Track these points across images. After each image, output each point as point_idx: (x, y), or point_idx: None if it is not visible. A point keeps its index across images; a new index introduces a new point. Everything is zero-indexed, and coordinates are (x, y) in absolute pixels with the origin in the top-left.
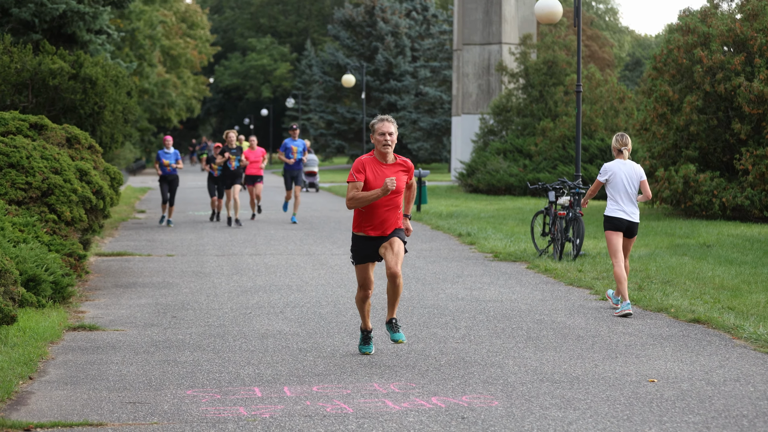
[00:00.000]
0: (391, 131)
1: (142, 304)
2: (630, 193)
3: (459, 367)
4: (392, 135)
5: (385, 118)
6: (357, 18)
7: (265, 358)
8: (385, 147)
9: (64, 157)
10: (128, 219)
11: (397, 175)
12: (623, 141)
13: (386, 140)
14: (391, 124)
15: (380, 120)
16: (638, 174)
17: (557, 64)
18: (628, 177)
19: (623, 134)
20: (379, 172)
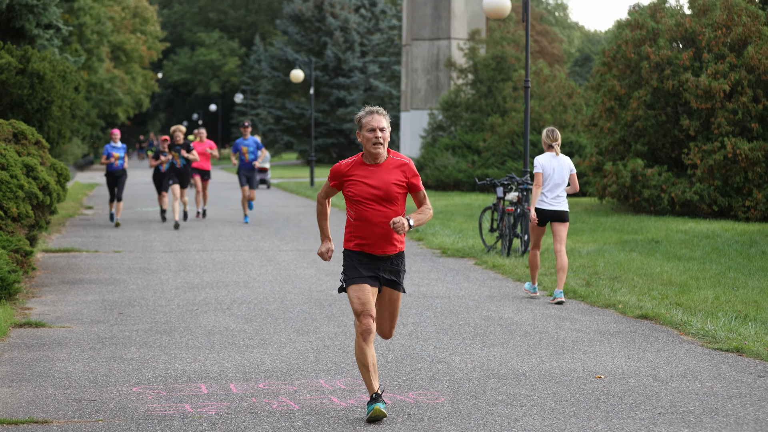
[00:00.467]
0: (382, 126)
1: (89, 300)
2: (558, 185)
3: (406, 364)
4: (384, 131)
5: (375, 110)
6: (306, 13)
7: (211, 355)
8: (376, 146)
9: (11, 153)
10: (76, 215)
11: (389, 177)
12: (554, 136)
13: (377, 137)
14: (383, 117)
15: (368, 113)
16: (568, 167)
17: (506, 59)
18: (558, 170)
19: (554, 130)
20: (370, 176)
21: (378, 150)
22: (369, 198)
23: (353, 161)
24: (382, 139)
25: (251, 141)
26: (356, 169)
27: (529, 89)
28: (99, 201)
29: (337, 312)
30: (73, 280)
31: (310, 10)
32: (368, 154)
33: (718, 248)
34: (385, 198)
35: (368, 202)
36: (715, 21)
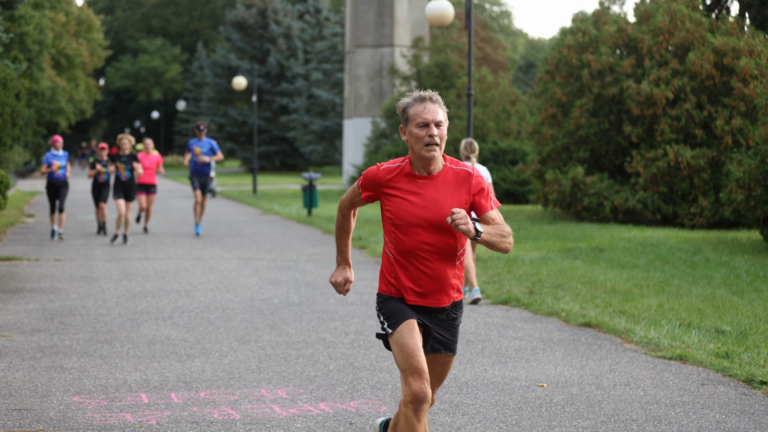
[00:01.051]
0: (438, 119)
1: (30, 309)
2: None
3: (347, 372)
4: (441, 126)
5: (427, 97)
6: (249, 20)
7: (152, 364)
8: (430, 149)
9: None
10: (17, 223)
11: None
12: (471, 148)
13: (431, 135)
14: (439, 107)
15: (418, 100)
16: (486, 176)
17: (449, 66)
18: None
19: (471, 141)
20: (419, 191)
21: (432, 154)
22: (416, 224)
23: (396, 168)
24: (438, 137)
25: (206, 143)
26: (400, 180)
27: (473, 96)
28: (40, 209)
29: (279, 321)
30: (13, 289)
31: (253, 17)
32: (418, 159)
33: (662, 256)
34: (438, 225)
35: (415, 229)
36: (656, 27)
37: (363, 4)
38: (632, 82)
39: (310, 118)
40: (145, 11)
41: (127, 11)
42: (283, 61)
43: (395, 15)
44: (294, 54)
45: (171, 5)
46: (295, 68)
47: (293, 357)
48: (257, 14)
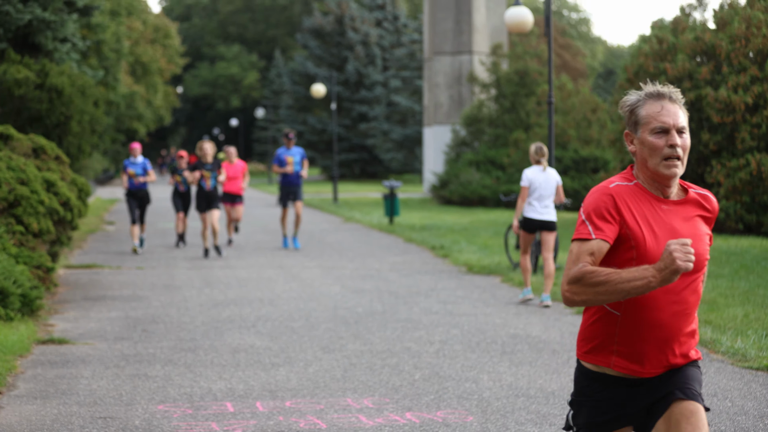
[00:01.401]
0: (681, 124)
1: (112, 317)
2: (545, 197)
3: (433, 382)
4: (684, 134)
5: (666, 94)
6: (326, 27)
7: (237, 373)
8: (671, 165)
9: (31, 168)
10: (97, 231)
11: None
12: (541, 152)
13: (673, 146)
14: (679, 108)
15: (653, 96)
16: (555, 180)
17: (529, 74)
18: (545, 183)
19: (541, 146)
20: (656, 219)
21: (674, 170)
22: None
23: (625, 188)
24: (682, 148)
25: (296, 151)
26: (634, 202)
27: (553, 104)
28: (120, 216)
29: (363, 330)
30: (95, 297)
31: (330, 24)
32: (652, 178)
33: (747, 265)
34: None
35: None
36: (733, 33)
37: (441, 11)
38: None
39: (389, 125)
40: (222, 18)
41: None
42: (362, 69)
43: (473, 22)
44: (372, 61)
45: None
46: (374, 76)
47: (378, 366)
48: (334, 21)
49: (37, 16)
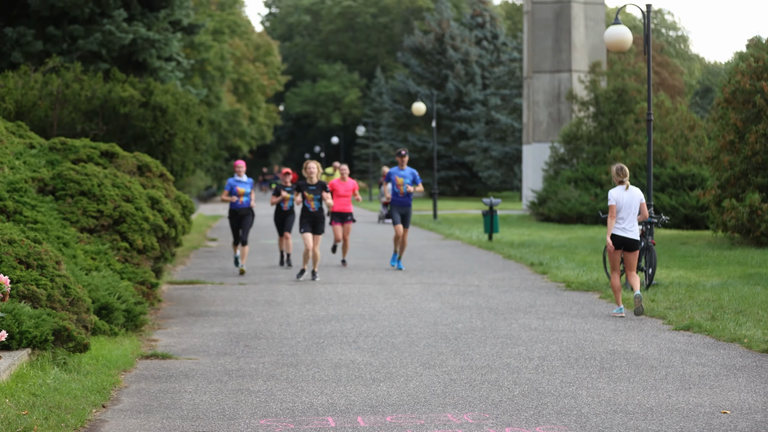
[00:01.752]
0: None
1: (215, 332)
2: (629, 215)
3: (532, 398)
4: None
5: None
6: (427, 46)
7: (338, 388)
8: None
9: (136, 185)
10: (200, 247)
11: None
12: (623, 173)
13: None
14: None
15: None
16: (638, 198)
17: (627, 91)
18: (629, 202)
19: (622, 167)
20: None
21: None
22: None
23: None
24: None
25: (408, 172)
26: None
27: (652, 122)
28: (222, 233)
29: (463, 346)
30: (198, 312)
31: (430, 43)
32: None
33: None
34: None
35: None
36: None
37: (540, 29)
38: None
39: (488, 143)
40: (323, 37)
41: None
42: (462, 87)
43: (573, 41)
44: (472, 79)
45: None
46: (474, 94)
47: (478, 382)
48: (435, 40)
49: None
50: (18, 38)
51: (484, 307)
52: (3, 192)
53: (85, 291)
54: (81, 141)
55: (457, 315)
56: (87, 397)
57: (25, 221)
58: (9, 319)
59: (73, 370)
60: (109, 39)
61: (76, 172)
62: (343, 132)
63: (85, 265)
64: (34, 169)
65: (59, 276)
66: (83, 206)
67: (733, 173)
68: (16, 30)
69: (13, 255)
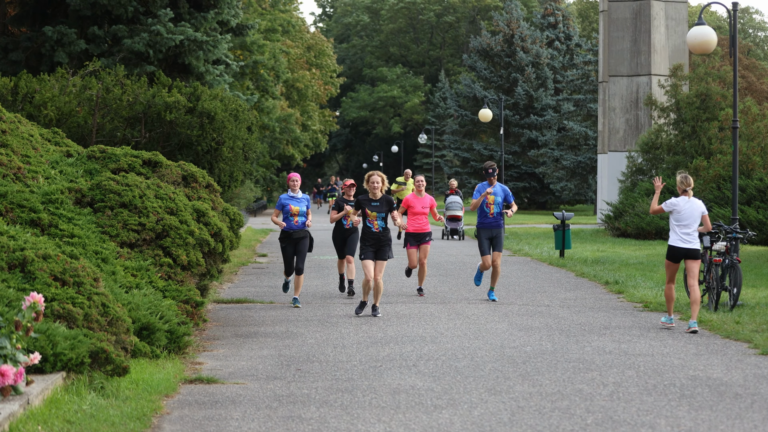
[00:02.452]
0: None
1: (264, 355)
2: (690, 225)
3: (606, 427)
4: None
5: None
6: (495, 47)
7: (396, 416)
8: None
9: (180, 197)
10: (249, 263)
11: None
12: (687, 182)
13: None
14: None
15: None
16: (700, 210)
17: (711, 97)
18: (691, 212)
19: (687, 176)
20: None
21: None
22: None
23: None
24: None
25: (500, 189)
26: None
27: (737, 129)
28: (273, 248)
29: (532, 370)
30: (246, 333)
31: (499, 45)
32: None
33: None
34: None
35: None
36: None
37: (617, 30)
38: None
39: (560, 152)
40: (383, 38)
41: (363, 38)
42: (532, 91)
43: (652, 42)
44: (543, 84)
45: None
46: (545, 99)
47: (548, 410)
48: (503, 41)
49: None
50: (60, 38)
51: (555, 328)
52: (38, 204)
53: (124, 310)
54: (122, 149)
55: (526, 337)
56: (126, 425)
57: (61, 235)
58: (43, 340)
59: (111, 396)
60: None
61: (116, 182)
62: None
63: (125, 282)
64: (71, 179)
65: (97, 294)
66: (123, 219)
67: None
68: (56, 30)
69: (47, 271)
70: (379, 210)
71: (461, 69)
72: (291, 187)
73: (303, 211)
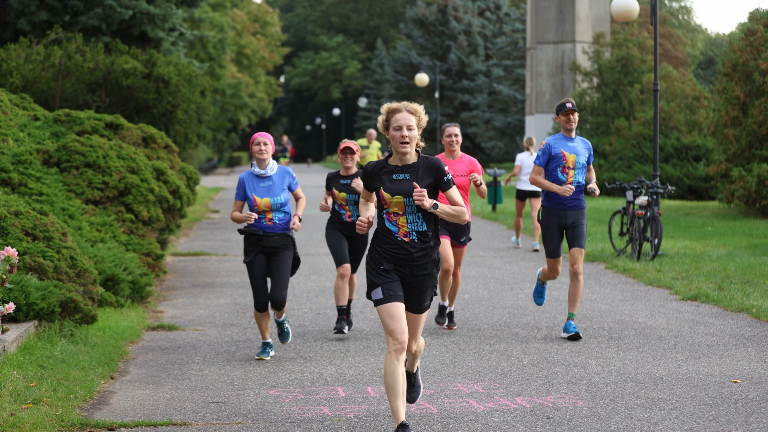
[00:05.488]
0: None
1: (221, 304)
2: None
3: (542, 367)
4: None
5: None
6: (429, 17)
7: (347, 359)
8: None
9: (141, 157)
10: (203, 219)
11: None
12: (530, 142)
13: None
14: None
15: None
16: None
17: (631, 62)
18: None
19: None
20: None
21: None
22: None
23: None
24: None
25: (582, 144)
26: None
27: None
28: (225, 205)
29: (471, 316)
30: (203, 284)
31: (433, 14)
32: None
33: None
34: None
35: None
36: None
37: (543, 0)
38: None
39: (491, 114)
40: (325, 8)
41: (307, 8)
42: (464, 58)
43: (576, 11)
44: (475, 50)
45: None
46: (476, 65)
47: (487, 352)
48: (437, 11)
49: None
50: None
51: (490, 277)
52: (8, 164)
53: (91, 263)
54: (85, 113)
55: (464, 285)
56: (95, 369)
57: (30, 193)
58: (17, 291)
59: (81, 342)
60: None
61: (81, 143)
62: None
63: (90, 236)
64: (38, 141)
65: (66, 248)
66: (88, 178)
67: (739, 146)
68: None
69: (19, 227)
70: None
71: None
72: (257, 157)
73: (279, 202)
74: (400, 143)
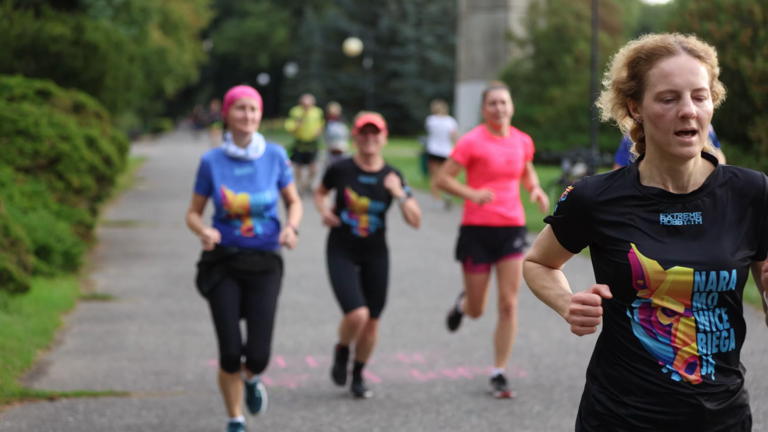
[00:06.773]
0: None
1: (154, 274)
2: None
3: (483, 338)
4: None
5: None
6: None
7: (285, 329)
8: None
9: (72, 124)
10: (130, 188)
11: None
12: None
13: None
14: None
15: None
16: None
17: (566, 30)
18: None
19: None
20: None
21: None
22: None
23: None
24: None
25: None
26: None
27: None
28: (151, 174)
29: (407, 287)
30: (135, 254)
31: None
32: None
33: None
34: None
35: None
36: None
37: None
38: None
39: (422, 82)
40: None
41: None
42: (394, 25)
43: None
44: (405, 17)
45: None
46: (407, 32)
47: (426, 323)
48: None
49: None
50: None
51: (425, 247)
52: None
53: (24, 232)
54: (15, 79)
55: (399, 255)
56: (31, 339)
57: None
58: None
59: (15, 312)
60: None
61: (12, 110)
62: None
63: (21, 205)
64: None
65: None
66: (19, 146)
67: None
68: None
69: None
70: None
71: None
72: (237, 128)
73: (264, 202)
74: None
